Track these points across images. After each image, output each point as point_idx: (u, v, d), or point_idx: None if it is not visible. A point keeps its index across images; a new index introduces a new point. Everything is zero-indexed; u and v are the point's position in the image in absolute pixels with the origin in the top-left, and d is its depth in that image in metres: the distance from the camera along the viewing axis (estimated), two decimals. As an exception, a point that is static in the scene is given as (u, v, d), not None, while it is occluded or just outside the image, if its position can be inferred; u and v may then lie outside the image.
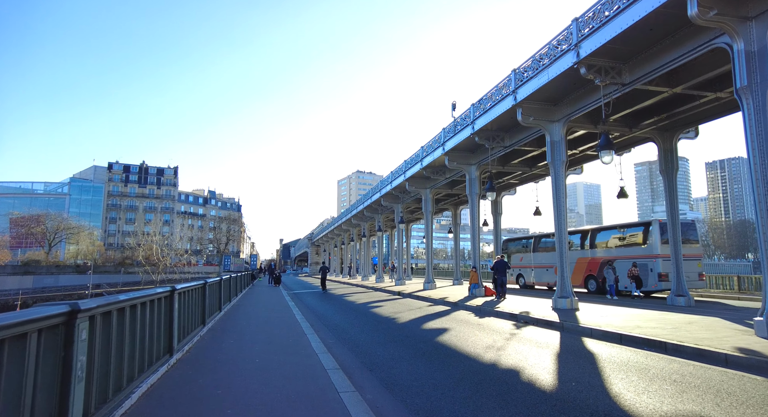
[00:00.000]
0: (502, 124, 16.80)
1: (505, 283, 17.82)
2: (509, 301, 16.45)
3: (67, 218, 73.20)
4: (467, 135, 17.93)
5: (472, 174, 19.81)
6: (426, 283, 24.87)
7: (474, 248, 19.89)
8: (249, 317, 11.70)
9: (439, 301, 17.48)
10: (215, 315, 11.04)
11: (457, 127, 19.17)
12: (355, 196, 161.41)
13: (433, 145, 21.43)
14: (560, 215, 14.17)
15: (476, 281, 19.06)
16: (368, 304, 17.20)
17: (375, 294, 23.52)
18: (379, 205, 34.52)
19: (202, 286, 8.69)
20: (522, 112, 14.21)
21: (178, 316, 6.73)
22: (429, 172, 22.85)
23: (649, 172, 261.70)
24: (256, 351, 7.19)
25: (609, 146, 11.62)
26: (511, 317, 12.23)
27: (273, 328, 9.76)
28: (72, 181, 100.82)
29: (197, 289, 8.54)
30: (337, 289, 28.74)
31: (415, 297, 20.20)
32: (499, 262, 17.99)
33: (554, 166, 14.22)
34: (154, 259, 64.92)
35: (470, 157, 19.99)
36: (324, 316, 13.54)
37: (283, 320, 10.84)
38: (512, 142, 17.63)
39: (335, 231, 56.79)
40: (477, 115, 17.27)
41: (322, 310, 15.74)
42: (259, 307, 14.81)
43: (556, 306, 13.61)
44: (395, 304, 17.24)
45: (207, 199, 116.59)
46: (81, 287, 58.93)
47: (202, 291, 9.00)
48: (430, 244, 26.38)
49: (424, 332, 9.90)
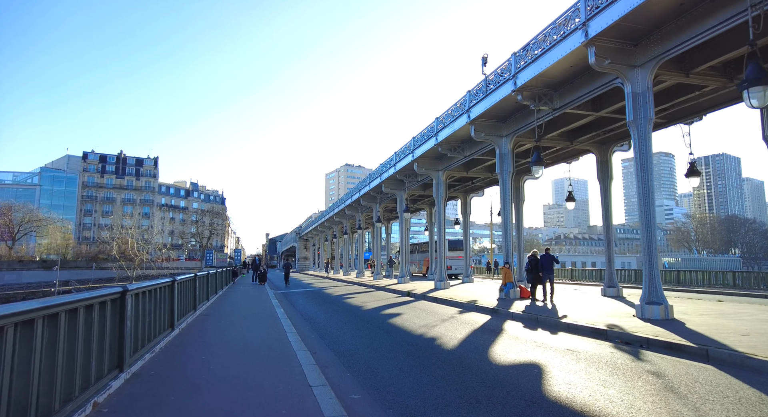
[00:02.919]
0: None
1: (553, 281, 14.36)
2: (558, 304, 13.00)
3: (35, 210, 67.64)
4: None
5: (504, 149, 16.26)
6: (438, 282, 21.31)
7: (506, 239, 16.35)
8: (214, 343, 7.91)
9: (469, 305, 13.90)
10: (150, 347, 7.26)
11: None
12: (343, 189, 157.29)
13: (454, 114, 17.86)
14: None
15: (511, 280, 15.53)
16: (383, 313, 13.54)
17: (380, 295, 19.88)
18: (379, 192, 30.85)
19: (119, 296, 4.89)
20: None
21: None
22: (445, 148, 19.25)
23: (635, 167, 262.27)
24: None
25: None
26: (594, 333, 8.69)
27: (251, 373, 5.89)
28: (43, 171, 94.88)
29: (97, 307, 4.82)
30: (335, 289, 24.99)
31: (433, 299, 16.62)
32: (547, 255, 14.50)
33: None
34: (130, 254, 60.20)
35: (502, 128, 16.50)
36: (329, 333, 9.79)
37: (269, 350, 7.08)
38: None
39: (326, 223, 52.90)
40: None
41: (323, 320, 11.97)
42: (235, 319, 11.01)
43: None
44: (415, 311, 13.59)
45: (189, 191, 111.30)
46: (47, 284, 54.04)
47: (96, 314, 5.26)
48: (443, 235, 22.77)
49: (504, 373, 6.21)
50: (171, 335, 7.21)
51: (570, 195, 19.91)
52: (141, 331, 5.55)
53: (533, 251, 15.14)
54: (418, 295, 18.13)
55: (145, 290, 5.84)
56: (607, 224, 17.30)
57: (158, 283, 6.70)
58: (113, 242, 61.52)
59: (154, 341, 6.23)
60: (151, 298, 6.17)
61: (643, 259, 10.33)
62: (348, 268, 46.04)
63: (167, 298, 7.19)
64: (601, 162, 17.32)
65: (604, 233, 17.47)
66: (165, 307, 7.02)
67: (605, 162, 17.26)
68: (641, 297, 10.05)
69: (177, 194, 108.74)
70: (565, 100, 13.37)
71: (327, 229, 55.79)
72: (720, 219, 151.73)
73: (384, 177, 27.25)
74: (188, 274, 9.76)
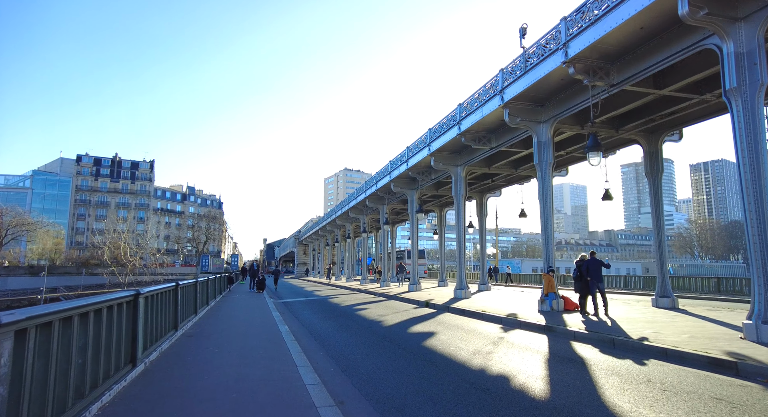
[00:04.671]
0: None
1: (605, 291, 12.09)
2: (617, 318, 10.73)
3: (23, 213, 64.91)
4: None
5: (543, 136, 14.05)
6: (458, 290, 18.99)
7: (546, 241, 14.07)
8: (193, 392, 5.55)
9: (510, 320, 11.60)
10: (108, 386, 4.94)
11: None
12: (342, 194, 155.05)
13: (483, 98, 15.66)
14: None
15: (554, 289, 13.24)
16: (411, 331, 11.18)
17: (395, 305, 17.56)
18: (387, 192, 28.59)
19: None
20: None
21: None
22: (469, 138, 17.01)
23: (636, 173, 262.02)
24: None
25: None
26: (712, 365, 6.43)
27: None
28: (35, 174, 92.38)
29: None
30: (341, 298, 22.67)
31: (459, 311, 14.30)
32: (594, 260, 12.26)
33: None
34: (123, 259, 57.59)
35: (540, 112, 14.31)
36: (354, 365, 7.44)
37: (276, 407, 4.77)
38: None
39: (327, 227, 50.54)
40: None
41: (341, 343, 9.59)
42: (227, 343, 8.67)
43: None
44: (449, 328, 11.26)
45: (186, 195, 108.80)
46: (33, 291, 51.33)
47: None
48: (463, 238, 20.47)
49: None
50: (128, 377, 4.90)
51: (607, 193, 17.51)
52: (56, 388, 3.25)
53: (581, 256, 12.89)
54: (440, 306, 15.82)
55: (85, 311, 3.61)
56: (658, 224, 15.07)
57: (111, 298, 4.44)
58: (105, 247, 58.92)
59: (90, 396, 3.91)
60: (94, 323, 3.92)
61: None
62: (350, 274, 43.69)
63: (126, 320, 4.91)
64: (649, 153, 15.12)
65: (655, 235, 15.19)
66: (120, 334, 4.74)
67: (654, 153, 15.05)
68: (755, 314, 7.76)
69: (173, 198, 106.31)
70: (624, 74, 11.15)
71: (328, 233, 53.42)
72: (722, 224, 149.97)
73: (394, 175, 25.04)
74: (166, 284, 7.46)
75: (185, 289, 9.33)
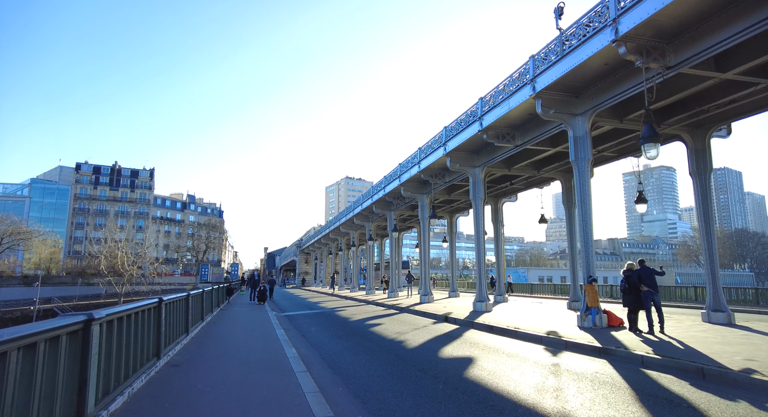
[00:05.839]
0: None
1: (660, 305, 10.47)
2: (681, 338, 9.09)
3: (19, 222, 63.35)
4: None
5: (579, 130, 12.54)
6: (478, 303, 17.29)
7: (587, 247, 12.43)
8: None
9: (555, 341, 9.95)
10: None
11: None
12: (344, 202, 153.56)
13: (509, 89, 14.20)
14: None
15: (597, 303, 11.58)
16: (442, 355, 9.47)
17: (410, 319, 15.92)
18: (396, 197, 27.07)
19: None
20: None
21: None
22: (492, 136, 15.50)
23: (639, 181, 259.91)
24: None
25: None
26: None
27: None
28: (33, 183, 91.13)
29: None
30: (349, 311, 21.02)
31: (487, 328, 12.63)
32: (645, 269, 10.66)
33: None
34: (120, 269, 55.90)
35: (576, 104, 12.81)
36: (382, 403, 5.77)
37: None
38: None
39: (330, 235, 48.91)
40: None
41: (363, 373, 7.72)
42: (220, 384, 7.05)
43: None
44: (485, 351, 9.54)
45: (186, 203, 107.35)
46: (27, 302, 49.61)
47: None
48: (482, 245, 18.83)
49: None
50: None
51: (641, 196, 16.05)
52: None
53: (628, 264, 11.29)
54: (462, 321, 14.17)
55: None
56: (708, 230, 13.47)
57: (43, 330, 2.87)
58: (101, 256, 57.27)
59: None
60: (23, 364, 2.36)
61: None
62: (355, 284, 41.97)
63: (67, 360, 3.32)
64: (695, 150, 13.60)
65: (704, 242, 13.55)
66: (56, 382, 3.14)
67: (701, 150, 13.54)
68: None
69: (173, 207, 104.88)
70: (682, 54, 9.69)
71: (331, 242, 51.75)
72: (728, 233, 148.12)
73: (404, 178, 23.52)
74: (143, 302, 5.87)
75: (173, 306, 7.73)
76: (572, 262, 19.06)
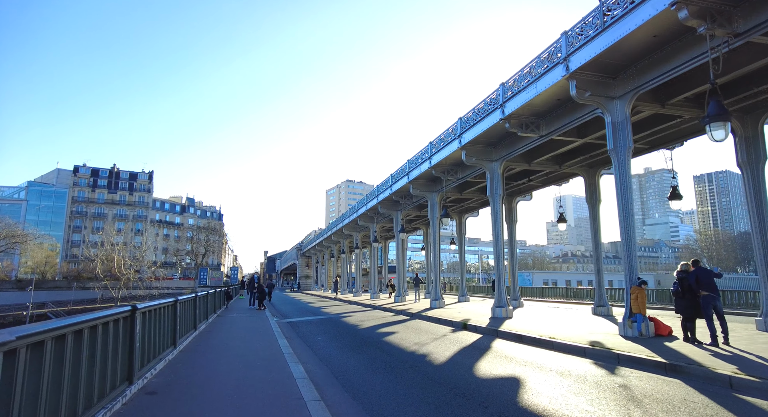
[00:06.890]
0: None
1: (722, 311, 9.09)
2: (756, 351, 7.70)
3: (13, 225, 61.88)
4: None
5: (618, 115, 11.18)
6: (497, 308, 15.91)
7: (629, 246, 11.02)
8: None
9: (601, 352, 8.57)
10: None
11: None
12: (344, 205, 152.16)
13: (536, 71, 12.87)
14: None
15: (644, 310, 10.18)
16: (478, 374, 8.04)
17: (425, 327, 14.52)
18: (403, 196, 25.69)
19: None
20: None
21: None
22: (515, 124, 14.14)
23: (639, 184, 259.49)
24: None
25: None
26: None
27: None
28: (30, 185, 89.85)
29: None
30: (356, 317, 19.60)
31: (516, 337, 11.25)
32: (703, 270, 9.29)
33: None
34: (117, 273, 54.45)
35: (613, 86, 11.47)
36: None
37: None
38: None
39: (332, 237, 47.51)
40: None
41: (391, 401, 6.33)
42: (217, 399, 5.63)
43: None
44: (527, 368, 8.16)
45: (185, 206, 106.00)
46: (20, 307, 48.13)
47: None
48: (499, 246, 17.36)
49: None
50: None
51: (674, 191, 14.88)
52: None
53: (681, 265, 9.89)
54: (484, 329, 12.77)
55: None
56: (762, 227, 12.04)
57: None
58: (97, 259, 55.84)
59: None
60: None
61: None
62: (358, 288, 40.54)
63: None
64: (745, 138, 12.13)
65: (756, 242, 12.11)
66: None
67: (754, 137, 12.04)
68: None
69: (172, 210, 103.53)
70: (752, 20, 8.25)
71: (333, 244, 50.35)
72: (731, 236, 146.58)
73: (413, 175, 22.19)
74: (111, 311, 4.50)
75: (154, 315, 6.34)
76: (597, 265, 17.75)
